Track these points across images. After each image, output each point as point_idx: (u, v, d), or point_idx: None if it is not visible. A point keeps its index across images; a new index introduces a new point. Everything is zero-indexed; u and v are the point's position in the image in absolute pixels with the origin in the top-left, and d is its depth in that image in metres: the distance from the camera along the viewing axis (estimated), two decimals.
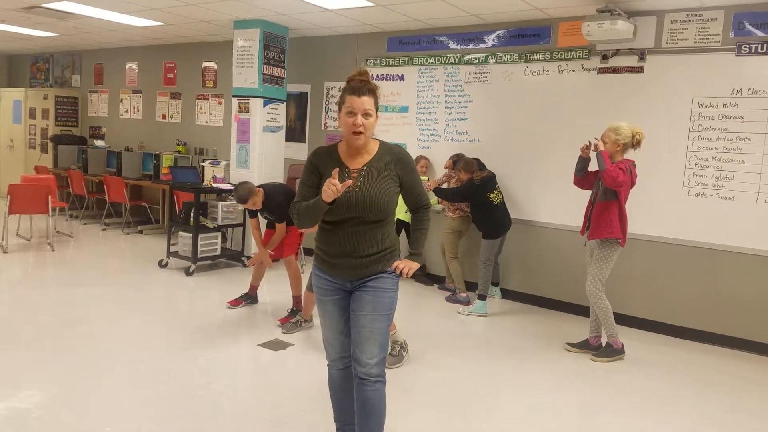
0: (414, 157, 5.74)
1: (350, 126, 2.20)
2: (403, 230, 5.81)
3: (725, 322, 4.51)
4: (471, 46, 5.68)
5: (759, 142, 4.34)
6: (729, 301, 4.49)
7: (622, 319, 4.56)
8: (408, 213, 6.04)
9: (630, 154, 3.94)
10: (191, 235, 5.69)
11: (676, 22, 4.65)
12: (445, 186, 5.34)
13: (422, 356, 3.89)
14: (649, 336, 4.67)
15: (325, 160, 2.32)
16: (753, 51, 4.36)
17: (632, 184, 3.91)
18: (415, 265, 2.34)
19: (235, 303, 4.74)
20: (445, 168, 5.59)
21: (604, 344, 4.10)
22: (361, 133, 2.20)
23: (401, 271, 2.31)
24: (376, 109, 2.25)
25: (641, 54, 4.79)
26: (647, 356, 4.20)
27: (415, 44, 6.03)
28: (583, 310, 4.57)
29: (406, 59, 6.09)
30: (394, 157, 2.30)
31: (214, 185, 6.07)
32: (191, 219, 5.73)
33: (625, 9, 4.58)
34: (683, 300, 4.67)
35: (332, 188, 2.12)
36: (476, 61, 5.64)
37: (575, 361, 4.03)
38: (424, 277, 5.93)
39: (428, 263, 6.01)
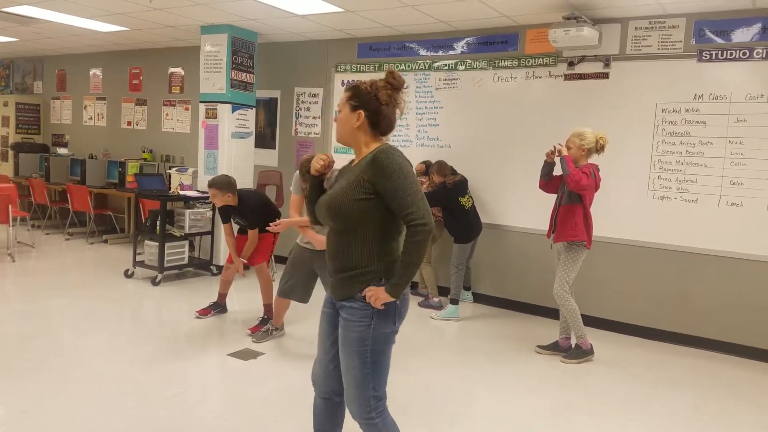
0: None
1: None
2: None
3: (691, 322, 4.61)
4: (441, 53, 5.72)
5: (720, 146, 4.46)
6: (694, 301, 4.59)
7: (591, 321, 4.62)
8: None
9: (594, 159, 4.02)
10: (158, 244, 5.56)
11: (640, 29, 4.76)
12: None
13: (395, 362, 3.76)
14: (618, 337, 4.74)
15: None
16: (713, 57, 4.49)
17: (596, 187, 3.98)
18: (384, 297, 1.94)
19: (203, 312, 4.64)
20: (417, 171, 5.60)
21: (573, 346, 4.15)
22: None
23: (368, 298, 1.96)
24: (355, 107, 2.02)
25: (606, 60, 4.89)
26: (616, 357, 4.26)
27: (386, 50, 6.04)
28: (552, 313, 4.62)
29: (376, 65, 6.09)
30: (369, 159, 1.98)
31: (181, 193, 5.95)
32: (158, 228, 5.61)
33: (590, 16, 4.67)
34: (650, 301, 4.76)
35: (319, 159, 2.10)
36: (446, 68, 5.68)
37: (546, 363, 4.06)
38: None
39: None
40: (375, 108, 2.02)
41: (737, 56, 4.41)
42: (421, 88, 5.83)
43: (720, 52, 4.47)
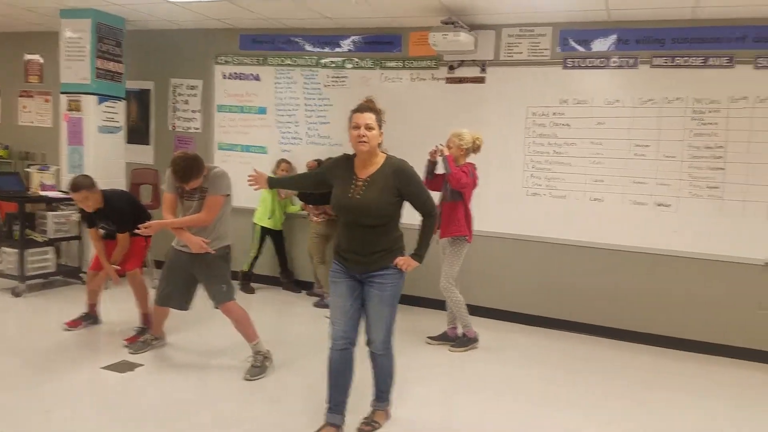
0: (276, 162, 5.63)
1: (355, 137, 2.67)
2: (268, 236, 5.65)
3: (563, 308, 5.01)
4: (327, 50, 5.69)
5: (583, 147, 4.88)
6: (565, 289, 5.00)
7: (475, 310, 4.81)
8: (270, 219, 5.89)
9: (471, 158, 4.24)
10: (17, 251, 4.99)
11: (512, 36, 5.06)
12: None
13: (289, 364, 3.82)
14: (500, 324, 5.04)
15: (342, 166, 2.82)
16: (576, 65, 4.89)
17: (474, 185, 4.21)
18: (414, 263, 2.79)
19: (73, 324, 4.26)
20: (309, 168, 5.52)
21: (460, 335, 4.35)
22: (364, 142, 2.65)
23: (401, 267, 2.76)
24: (380, 126, 2.71)
25: (483, 65, 5.15)
26: (499, 343, 4.54)
27: (270, 43, 5.88)
28: (440, 304, 4.78)
29: (261, 58, 5.92)
30: (393, 170, 2.70)
31: (43, 193, 5.38)
32: (16, 233, 5.04)
33: (467, 22, 4.88)
34: (527, 290, 5.11)
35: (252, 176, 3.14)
36: (333, 65, 5.66)
37: (436, 352, 4.24)
38: (291, 284, 5.82)
39: (296, 269, 5.91)
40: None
41: (596, 64, 4.84)
42: (309, 85, 5.76)
43: (582, 60, 4.88)
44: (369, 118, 2.68)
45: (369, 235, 2.72)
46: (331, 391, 2.86)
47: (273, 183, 3.24)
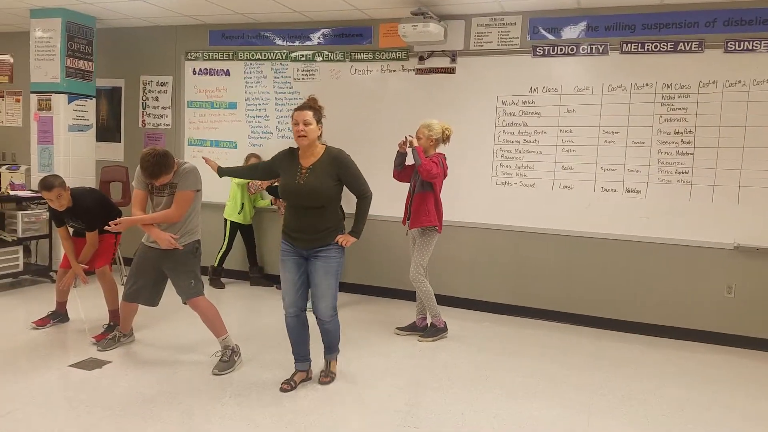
0: (245, 156, 5.60)
1: (296, 132, 3.06)
2: (238, 231, 5.64)
3: (533, 296, 5.02)
4: (297, 43, 5.66)
5: (553, 135, 4.89)
6: (535, 277, 5.01)
7: (444, 300, 4.82)
8: (240, 214, 5.90)
9: (441, 148, 4.23)
10: None
11: (482, 25, 5.05)
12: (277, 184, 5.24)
13: (258, 358, 3.81)
14: (469, 314, 5.04)
15: (287, 157, 3.22)
16: (546, 53, 4.89)
17: (444, 175, 4.20)
18: (352, 240, 3.21)
19: (41, 323, 4.22)
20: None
21: (429, 325, 4.35)
22: (303, 136, 3.05)
23: (342, 243, 3.16)
24: (318, 121, 3.10)
25: (453, 55, 5.14)
26: (468, 332, 4.54)
27: (240, 38, 5.85)
28: (410, 295, 4.79)
29: (230, 54, 5.88)
30: (332, 159, 3.12)
31: (12, 193, 5.33)
32: None
33: (436, 12, 4.87)
34: (496, 278, 5.12)
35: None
36: (303, 59, 5.63)
37: (405, 343, 4.24)
38: (262, 278, 5.80)
39: (265, 264, 5.90)
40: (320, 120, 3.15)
41: (566, 51, 4.83)
42: (279, 79, 5.73)
43: (551, 47, 4.87)
44: (307, 115, 3.05)
45: (313, 216, 3.12)
46: (293, 347, 3.37)
47: (223, 172, 3.52)
